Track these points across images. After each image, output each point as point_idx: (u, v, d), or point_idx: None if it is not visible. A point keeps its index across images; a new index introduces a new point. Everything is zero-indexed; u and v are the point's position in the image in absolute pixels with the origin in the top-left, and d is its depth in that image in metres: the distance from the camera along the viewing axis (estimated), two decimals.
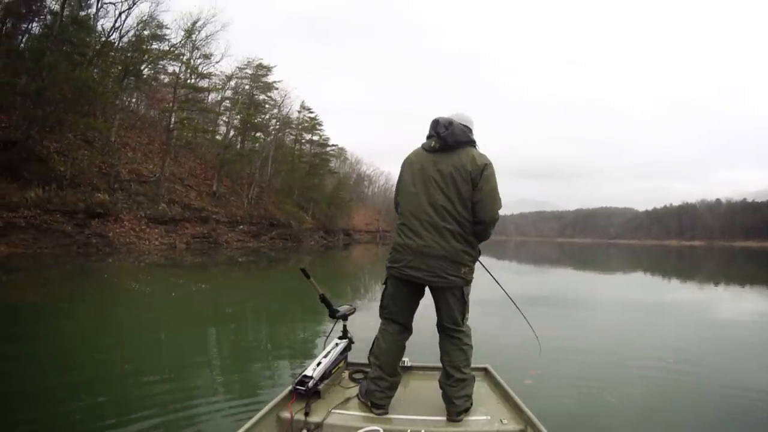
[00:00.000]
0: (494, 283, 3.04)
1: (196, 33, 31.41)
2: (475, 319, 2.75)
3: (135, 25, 28.76)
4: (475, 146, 2.46)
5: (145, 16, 28.94)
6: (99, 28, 27.39)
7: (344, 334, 3.09)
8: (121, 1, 27.05)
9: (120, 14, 27.60)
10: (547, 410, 3.10)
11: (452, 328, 2.50)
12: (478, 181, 2.35)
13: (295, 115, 48.01)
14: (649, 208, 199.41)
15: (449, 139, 2.38)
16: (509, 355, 5.20)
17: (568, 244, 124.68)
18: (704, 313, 10.48)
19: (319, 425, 2.34)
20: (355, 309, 3.22)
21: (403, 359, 2.89)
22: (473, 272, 2.50)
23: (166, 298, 9.93)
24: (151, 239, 23.48)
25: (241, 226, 32.77)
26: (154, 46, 30.41)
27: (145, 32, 29.39)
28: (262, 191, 40.08)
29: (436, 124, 2.44)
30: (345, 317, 3.09)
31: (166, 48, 30.76)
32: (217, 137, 38.41)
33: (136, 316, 7.84)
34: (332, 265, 24.37)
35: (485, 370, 3.11)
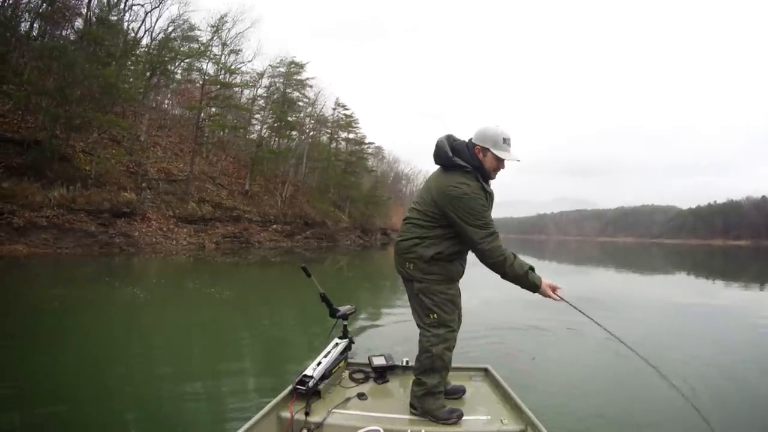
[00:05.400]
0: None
1: (226, 31, 31.01)
2: None
3: (166, 26, 28.90)
4: (461, 171, 2.51)
5: (175, 17, 28.85)
6: (130, 31, 27.54)
7: (344, 334, 3.11)
8: (149, 2, 27.06)
9: (147, 14, 27.63)
10: None
11: (418, 325, 2.63)
12: (445, 209, 2.49)
13: (329, 112, 46.92)
14: (693, 205, 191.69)
15: (436, 161, 2.62)
16: None
17: (610, 243, 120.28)
18: None
19: (319, 425, 2.36)
20: (355, 309, 3.24)
21: (404, 359, 3.06)
22: (426, 275, 2.54)
23: (158, 305, 9.11)
24: (179, 239, 22.62)
25: (275, 226, 31.78)
26: (184, 45, 30.16)
27: (175, 33, 29.33)
28: (296, 190, 39.09)
29: None
30: (345, 317, 3.10)
31: (196, 46, 30.40)
32: (252, 137, 37.70)
33: (129, 320, 7.45)
34: (370, 265, 23.56)
35: (485, 370, 3.11)
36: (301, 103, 41.15)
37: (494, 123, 2.58)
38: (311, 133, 44.36)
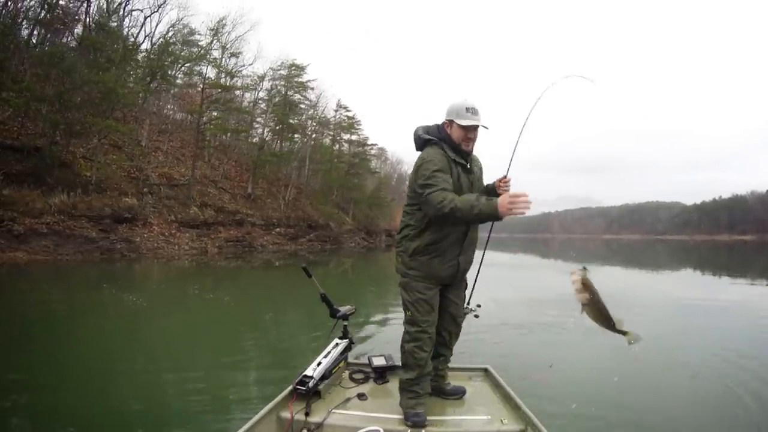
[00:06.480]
0: None
1: (226, 34, 31.03)
2: None
3: (165, 31, 29.12)
4: (429, 144, 2.58)
5: (175, 21, 28.97)
6: (129, 36, 27.66)
7: (345, 335, 3.12)
8: (148, 7, 27.19)
9: (146, 19, 27.67)
10: None
11: None
12: (414, 178, 2.52)
13: (331, 114, 46.75)
14: (698, 201, 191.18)
15: (415, 147, 2.67)
16: None
17: (616, 240, 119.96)
18: None
19: (319, 425, 2.35)
20: (355, 309, 3.24)
21: None
22: (406, 268, 2.57)
23: (158, 311, 9.05)
24: (181, 244, 22.45)
25: (278, 229, 31.57)
26: (184, 50, 30.17)
27: (174, 38, 29.41)
28: (299, 193, 38.94)
29: None
30: (345, 317, 3.12)
31: (196, 50, 30.40)
32: (254, 140, 37.62)
33: (127, 326, 7.31)
34: (374, 266, 23.55)
35: (485, 370, 3.11)
36: (302, 106, 41.06)
37: (463, 96, 2.58)
38: (313, 136, 44.22)
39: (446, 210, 2.26)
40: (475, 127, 2.55)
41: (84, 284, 12.37)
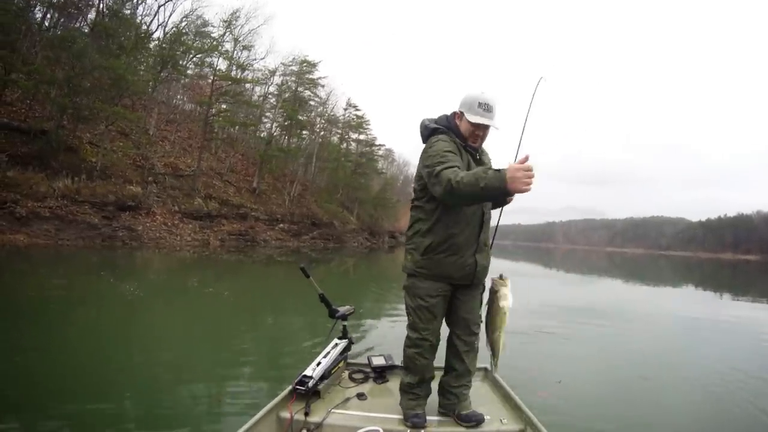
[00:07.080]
0: None
1: (239, 27, 31.03)
2: None
3: (178, 21, 29.21)
4: (436, 133, 2.42)
5: (188, 12, 29.05)
6: (143, 24, 27.68)
7: (344, 335, 3.12)
8: None
9: (159, 8, 27.80)
10: None
11: None
12: (422, 163, 2.36)
13: (341, 112, 46.63)
14: (703, 218, 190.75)
15: (422, 139, 2.49)
16: None
17: (619, 254, 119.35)
18: None
19: (318, 425, 2.35)
20: (354, 309, 3.23)
21: None
22: (415, 267, 2.42)
23: (155, 303, 8.92)
24: (184, 235, 22.31)
25: (281, 225, 31.40)
26: (196, 41, 30.18)
27: (187, 28, 29.46)
28: (305, 189, 38.80)
29: None
30: (345, 317, 3.11)
31: (208, 42, 30.40)
32: (262, 134, 37.56)
33: (123, 318, 7.11)
34: (376, 267, 23.53)
35: (485, 370, 3.05)
36: (312, 103, 41.02)
37: (480, 89, 2.42)
38: (321, 133, 44.15)
39: (453, 183, 2.03)
40: (485, 126, 2.39)
41: (83, 270, 12.23)
